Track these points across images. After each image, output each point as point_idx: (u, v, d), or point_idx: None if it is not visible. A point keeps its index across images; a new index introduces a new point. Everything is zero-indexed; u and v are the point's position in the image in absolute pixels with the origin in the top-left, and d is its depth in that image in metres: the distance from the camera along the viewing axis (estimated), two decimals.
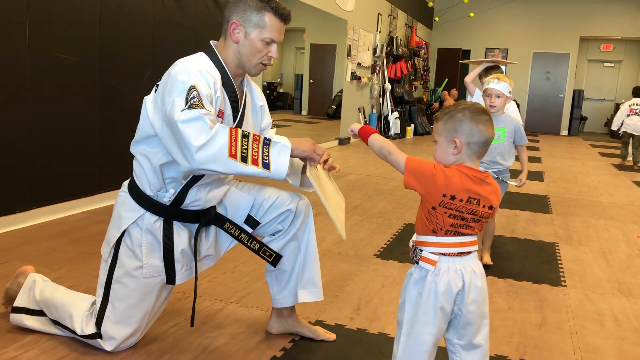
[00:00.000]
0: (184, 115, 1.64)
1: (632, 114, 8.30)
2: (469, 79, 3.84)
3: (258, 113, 2.06)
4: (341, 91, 9.41)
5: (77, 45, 3.67)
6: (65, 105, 3.64)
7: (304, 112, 14.05)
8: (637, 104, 8.35)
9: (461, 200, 1.46)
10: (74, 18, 3.62)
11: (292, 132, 10.63)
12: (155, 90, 1.83)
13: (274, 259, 2.04)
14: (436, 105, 13.14)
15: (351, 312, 2.44)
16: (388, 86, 10.61)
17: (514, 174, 3.22)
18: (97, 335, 1.91)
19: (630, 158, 8.40)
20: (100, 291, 1.92)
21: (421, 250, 1.52)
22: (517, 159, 3.25)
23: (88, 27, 3.74)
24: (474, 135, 1.48)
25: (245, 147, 1.65)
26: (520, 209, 4.81)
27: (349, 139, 9.15)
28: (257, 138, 1.69)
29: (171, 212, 1.90)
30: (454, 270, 1.50)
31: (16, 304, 2.08)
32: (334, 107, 11.72)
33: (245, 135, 1.67)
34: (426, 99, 13.42)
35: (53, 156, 3.58)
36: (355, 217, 4.13)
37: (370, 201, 4.73)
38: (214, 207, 2.00)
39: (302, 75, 14.10)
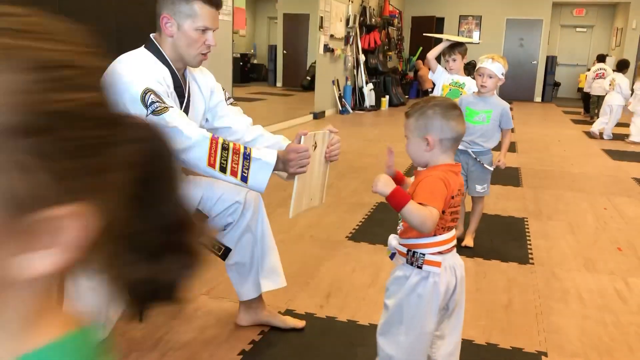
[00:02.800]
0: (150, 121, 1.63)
1: (597, 78, 9.65)
2: (431, 55, 3.80)
3: (203, 99, 2.00)
4: (315, 62, 9.32)
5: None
6: None
7: (278, 84, 13.90)
8: (601, 69, 9.72)
9: (455, 196, 1.49)
10: None
11: (266, 105, 10.52)
12: None
13: (223, 252, 2.05)
14: (411, 75, 13.10)
15: (321, 299, 2.45)
16: (362, 57, 10.52)
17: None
18: None
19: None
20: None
21: (423, 255, 1.49)
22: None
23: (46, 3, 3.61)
24: (445, 131, 1.48)
25: (225, 159, 1.68)
26: (490, 182, 4.84)
27: (323, 112, 9.10)
28: (238, 151, 1.69)
29: None
30: (450, 268, 1.51)
31: None
32: (308, 78, 11.62)
33: (225, 148, 1.68)
34: (401, 69, 13.36)
35: None
36: (328, 198, 4.11)
37: (344, 180, 4.73)
38: None
39: (275, 46, 13.91)
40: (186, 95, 1.89)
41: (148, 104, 1.65)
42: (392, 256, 1.61)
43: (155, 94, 1.67)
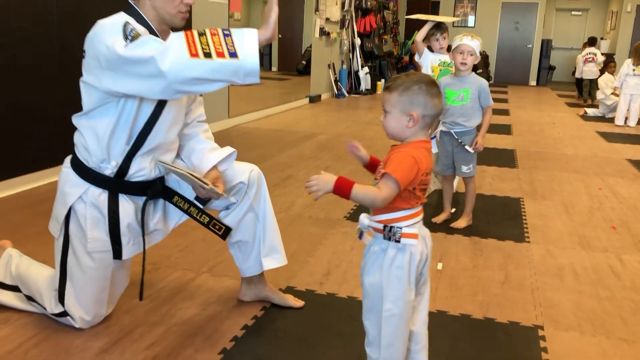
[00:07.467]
0: (128, 47, 1.62)
1: (587, 62, 10.06)
2: (419, 37, 3.78)
3: None
4: (311, 46, 9.29)
5: (32, 14, 3.54)
6: (26, 75, 3.53)
7: (274, 69, 13.80)
8: (589, 53, 10.09)
9: (427, 174, 1.52)
10: None
11: (262, 90, 10.47)
12: (84, 57, 1.79)
13: (224, 232, 2.05)
14: (406, 58, 13.08)
15: (321, 277, 2.49)
16: (357, 41, 10.50)
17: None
18: (66, 313, 1.92)
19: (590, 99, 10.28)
20: (57, 268, 1.93)
21: (400, 228, 1.51)
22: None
23: None
24: (428, 108, 1.50)
25: (206, 44, 1.59)
26: (487, 164, 4.89)
27: (319, 96, 9.10)
28: (215, 32, 1.62)
29: (116, 185, 1.87)
30: (421, 238, 1.54)
31: None
32: (304, 62, 11.55)
33: (201, 34, 1.61)
34: (396, 53, 13.33)
35: (14, 128, 3.50)
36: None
37: (340, 162, 4.76)
38: (161, 179, 1.98)
39: None
40: None
41: (128, 32, 1.64)
42: (360, 235, 1.62)
43: (134, 28, 1.68)
